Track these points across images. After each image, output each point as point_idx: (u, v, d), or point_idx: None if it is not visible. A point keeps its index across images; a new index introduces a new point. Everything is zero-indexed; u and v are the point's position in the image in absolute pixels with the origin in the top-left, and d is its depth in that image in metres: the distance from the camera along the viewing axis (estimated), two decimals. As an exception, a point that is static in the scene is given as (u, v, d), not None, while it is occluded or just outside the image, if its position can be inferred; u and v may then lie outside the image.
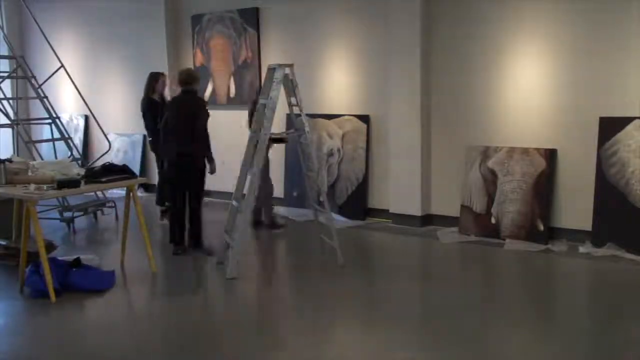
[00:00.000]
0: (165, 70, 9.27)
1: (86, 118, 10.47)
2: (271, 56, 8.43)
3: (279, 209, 7.80)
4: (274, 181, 7.55)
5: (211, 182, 8.98)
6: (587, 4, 6.12)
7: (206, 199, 7.75)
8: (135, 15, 9.63)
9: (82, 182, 5.37)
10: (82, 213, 7.86)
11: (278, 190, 8.13)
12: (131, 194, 5.77)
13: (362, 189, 7.63)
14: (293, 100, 5.85)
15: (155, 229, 7.25)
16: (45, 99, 8.35)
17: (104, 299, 5.16)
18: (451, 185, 7.07)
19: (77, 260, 5.46)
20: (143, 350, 4.23)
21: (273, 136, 6.06)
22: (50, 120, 8.32)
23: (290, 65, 5.75)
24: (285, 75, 5.71)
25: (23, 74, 8.52)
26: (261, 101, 5.83)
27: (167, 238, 6.48)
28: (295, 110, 5.89)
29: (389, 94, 7.29)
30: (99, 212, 8.12)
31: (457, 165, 7.02)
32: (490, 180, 6.73)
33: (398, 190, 7.31)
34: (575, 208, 6.29)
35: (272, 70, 5.77)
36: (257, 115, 5.89)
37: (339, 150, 7.79)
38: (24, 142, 7.92)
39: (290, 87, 5.81)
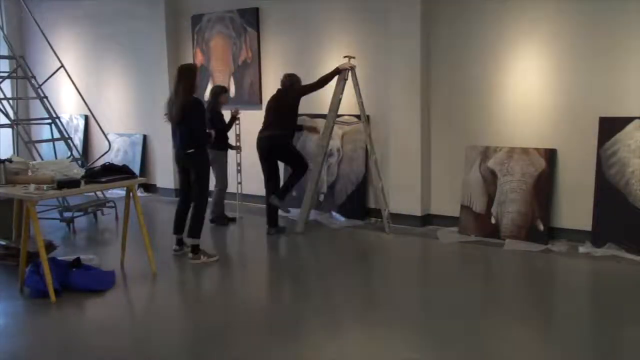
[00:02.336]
0: (165, 69, 9.30)
1: (86, 118, 10.48)
2: (271, 56, 8.43)
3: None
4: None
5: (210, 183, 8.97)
6: (587, 4, 6.12)
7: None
8: (135, 15, 9.63)
9: (82, 182, 5.37)
10: (82, 213, 7.86)
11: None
12: (131, 194, 5.77)
13: (362, 188, 7.64)
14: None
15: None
16: (45, 99, 8.35)
17: (104, 299, 5.16)
18: (451, 185, 7.07)
19: (77, 260, 5.46)
20: (143, 350, 4.23)
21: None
22: (50, 120, 8.32)
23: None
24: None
25: (23, 74, 8.52)
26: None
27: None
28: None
29: (389, 93, 7.29)
30: (99, 212, 8.12)
31: (457, 165, 7.02)
32: (490, 180, 6.73)
33: (398, 190, 7.31)
34: (575, 208, 6.30)
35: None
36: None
37: (338, 150, 7.79)
38: (24, 142, 7.92)
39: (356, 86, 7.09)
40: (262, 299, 5.30)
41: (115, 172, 5.63)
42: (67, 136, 8.40)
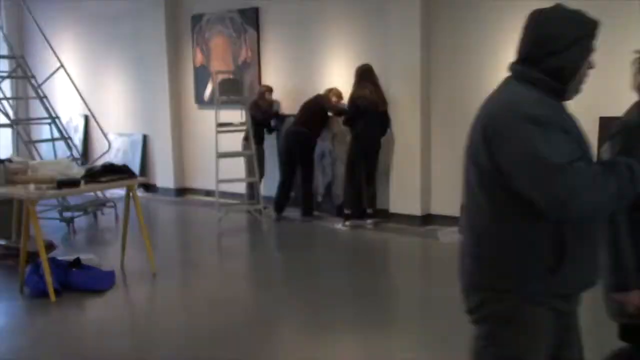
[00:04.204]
0: (165, 69, 9.30)
1: (86, 118, 10.47)
2: (271, 56, 8.43)
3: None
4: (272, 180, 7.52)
5: (210, 183, 8.96)
6: (587, 4, 6.10)
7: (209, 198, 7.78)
8: (135, 15, 9.62)
9: (82, 182, 5.37)
10: (82, 213, 7.86)
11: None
12: (131, 194, 5.77)
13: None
14: None
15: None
16: (45, 99, 8.35)
17: (104, 299, 5.16)
18: (451, 185, 7.05)
19: (77, 260, 5.46)
20: (143, 350, 4.23)
21: None
22: (50, 120, 8.33)
23: None
24: None
25: (23, 73, 8.52)
26: None
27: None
28: None
29: (389, 93, 7.28)
30: (99, 212, 8.12)
31: (457, 165, 6.97)
32: (490, 180, 6.71)
33: (398, 190, 7.31)
34: (575, 208, 6.28)
35: None
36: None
37: (330, 151, 7.75)
38: (24, 142, 7.92)
39: None
40: (261, 298, 5.30)
41: (115, 172, 5.63)
42: (66, 136, 8.41)
